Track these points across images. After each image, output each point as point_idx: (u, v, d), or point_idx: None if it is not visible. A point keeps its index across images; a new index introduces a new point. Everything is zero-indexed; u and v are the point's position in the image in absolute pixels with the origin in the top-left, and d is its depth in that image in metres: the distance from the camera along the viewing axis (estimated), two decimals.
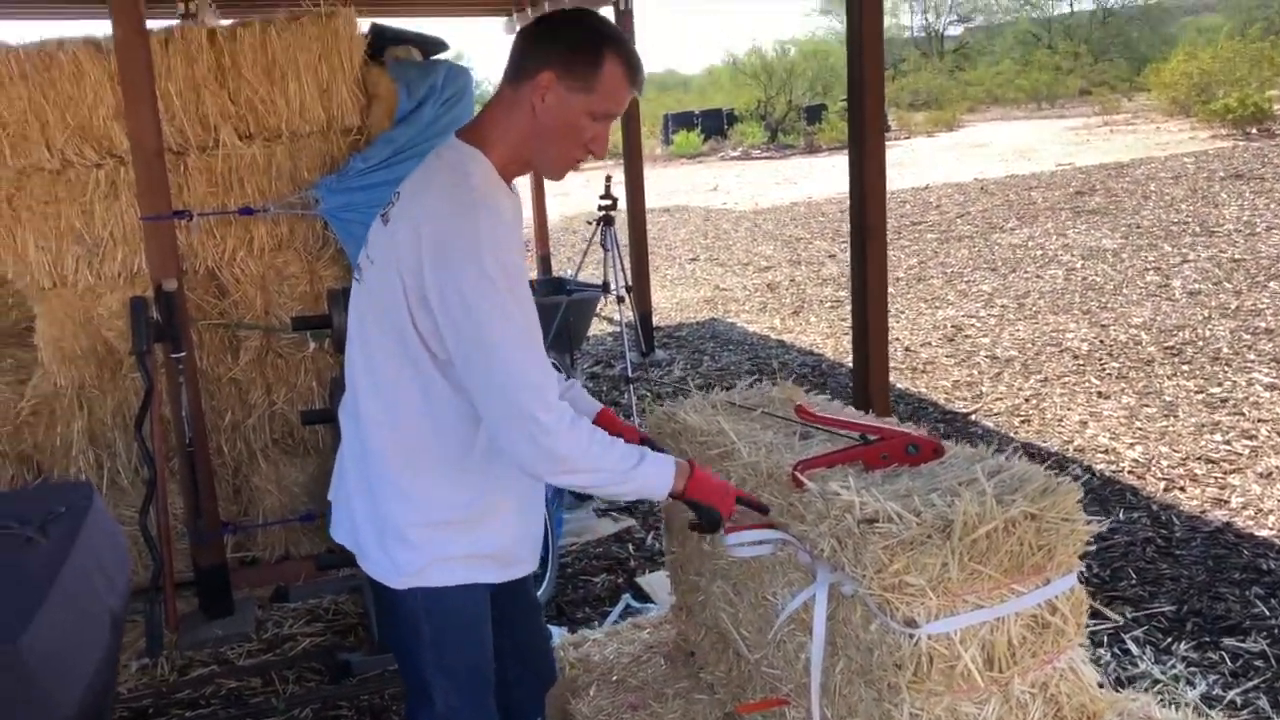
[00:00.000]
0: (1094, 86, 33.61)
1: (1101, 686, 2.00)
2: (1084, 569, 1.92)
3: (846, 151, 4.38)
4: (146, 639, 3.67)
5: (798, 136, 28.33)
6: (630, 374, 5.84)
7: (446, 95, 4.18)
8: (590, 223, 6.79)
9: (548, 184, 10.28)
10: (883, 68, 4.25)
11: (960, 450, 2.12)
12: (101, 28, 3.92)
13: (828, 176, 19.42)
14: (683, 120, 29.90)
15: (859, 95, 4.18)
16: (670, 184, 20.37)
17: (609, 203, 6.02)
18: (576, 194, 17.06)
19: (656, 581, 3.88)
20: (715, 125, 29.92)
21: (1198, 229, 10.44)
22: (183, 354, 3.75)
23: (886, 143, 4.41)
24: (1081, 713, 1.89)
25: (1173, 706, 2.40)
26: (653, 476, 1.91)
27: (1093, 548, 2.05)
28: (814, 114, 29.37)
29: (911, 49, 45.15)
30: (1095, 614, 1.99)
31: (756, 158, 26.12)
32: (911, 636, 1.76)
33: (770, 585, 2.20)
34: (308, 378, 4.25)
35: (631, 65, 1.87)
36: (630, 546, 4.41)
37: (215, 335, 4.16)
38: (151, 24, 3.75)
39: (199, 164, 3.99)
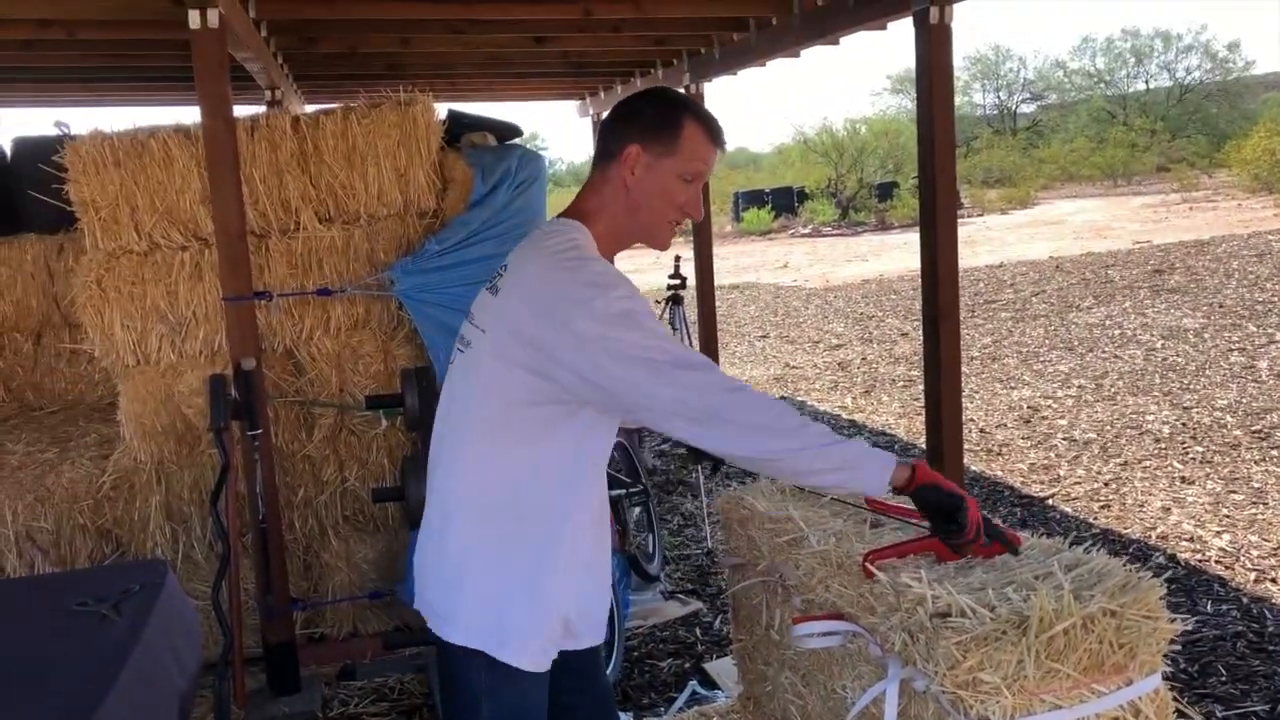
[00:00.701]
0: (1171, 163, 33.18)
1: None
2: (1170, 664, 1.83)
3: (919, 230, 4.37)
4: (215, 715, 3.69)
5: (869, 214, 28.32)
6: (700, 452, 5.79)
7: (520, 179, 4.27)
8: (659, 302, 6.83)
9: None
10: (954, 147, 4.25)
11: (1037, 542, 2.06)
12: (192, 114, 4.09)
13: (900, 254, 19.34)
14: (753, 198, 30.08)
15: (930, 175, 4.18)
16: (740, 261, 20.45)
17: (677, 282, 6.06)
18: (648, 272, 17.19)
19: (724, 668, 3.81)
20: (785, 202, 30.04)
21: None
22: (259, 431, 3.82)
23: (959, 221, 4.40)
24: None
25: None
26: (862, 456, 1.89)
27: (1179, 644, 1.97)
28: (885, 191, 29.36)
29: (984, 127, 45.11)
30: (1182, 715, 1.90)
31: (827, 235, 26.15)
32: None
33: (840, 678, 2.15)
34: (379, 455, 4.29)
35: (709, 125, 2.00)
36: (698, 630, 4.35)
37: (291, 412, 4.23)
38: (238, 109, 3.90)
39: (280, 246, 4.11)
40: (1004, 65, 50.17)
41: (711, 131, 1.99)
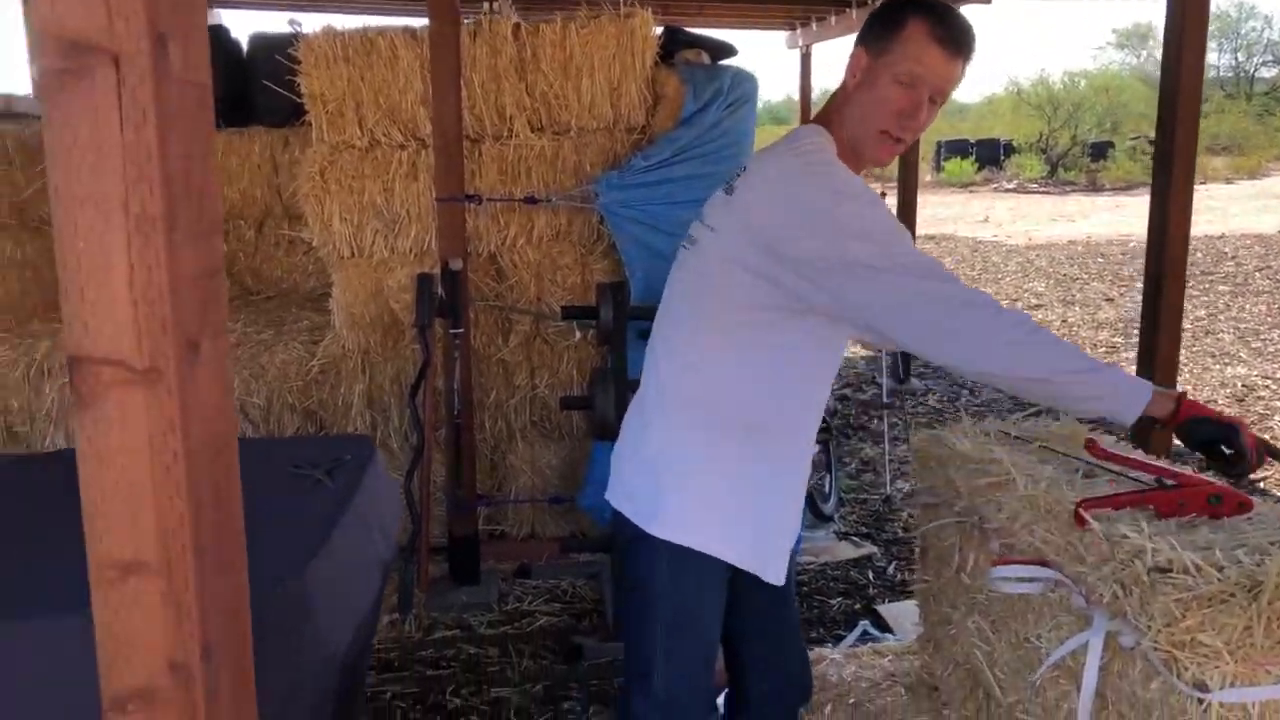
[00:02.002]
0: None
1: None
2: None
3: (1133, 192, 4.11)
4: (398, 596, 3.88)
5: (1079, 173, 26.89)
6: (886, 399, 5.69)
7: (731, 99, 4.21)
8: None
9: None
10: (1199, 103, 3.94)
11: (1271, 508, 1.92)
12: (419, 23, 4.19)
13: (1110, 216, 18.32)
14: (956, 148, 28.98)
15: (1170, 125, 3.89)
16: (938, 212, 19.77)
17: None
18: None
19: (897, 612, 3.74)
20: (990, 155, 28.84)
21: None
22: (461, 330, 3.94)
23: None
24: None
25: None
26: (1123, 380, 1.82)
27: None
28: (1099, 150, 27.79)
29: (1216, 89, 41.96)
30: None
31: (1032, 191, 24.98)
32: (1200, 701, 1.60)
33: (1035, 627, 2.06)
34: (569, 366, 4.37)
35: (938, 25, 1.83)
36: (870, 573, 4.28)
37: (489, 316, 4.35)
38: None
39: (491, 152, 4.19)
40: (1246, 24, 46.40)
41: (940, 32, 1.83)
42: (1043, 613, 2.03)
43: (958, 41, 1.86)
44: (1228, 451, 1.81)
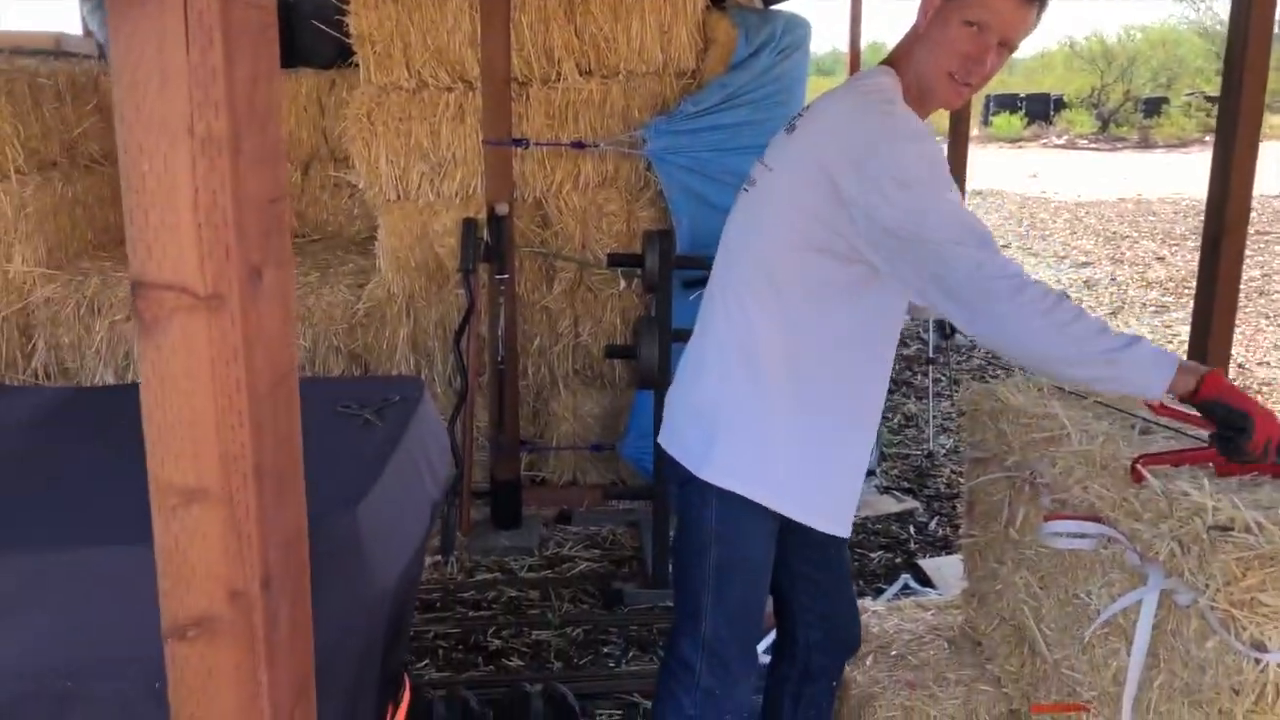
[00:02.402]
0: None
1: None
2: None
3: (1187, 149, 4.00)
4: (441, 538, 3.91)
5: (1131, 129, 26.32)
6: (931, 354, 5.63)
7: (784, 44, 4.14)
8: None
9: None
10: (1268, 56, 3.82)
11: None
12: None
13: (1163, 174, 17.93)
14: (1005, 102, 28.44)
15: (1238, 74, 3.77)
16: (986, 167, 19.44)
17: None
18: None
19: (940, 567, 3.73)
20: (1040, 110, 28.28)
21: None
22: (506, 276, 3.93)
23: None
24: None
25: None
26: (1148, 356, 1.73)
27: None
28: (1153, 106, 27.16)
29: None
30: None
31: (1082, 148, 24.52)
32: (1258, 662, 1.57)
33: (1085, 584, 2.04)
34: (613, 314, 4.36)
35: None
36: (911, 528, 4.26)
37: (534, 263, 4.33)
38: None
39: (539, 95, 4.16)
40: None
41: None
42: (1094, 569, 2.01)
43: None
44: (1238, 431, 1.72)
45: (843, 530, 2.07)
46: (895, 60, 1.91)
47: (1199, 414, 1.85)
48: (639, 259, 3.76)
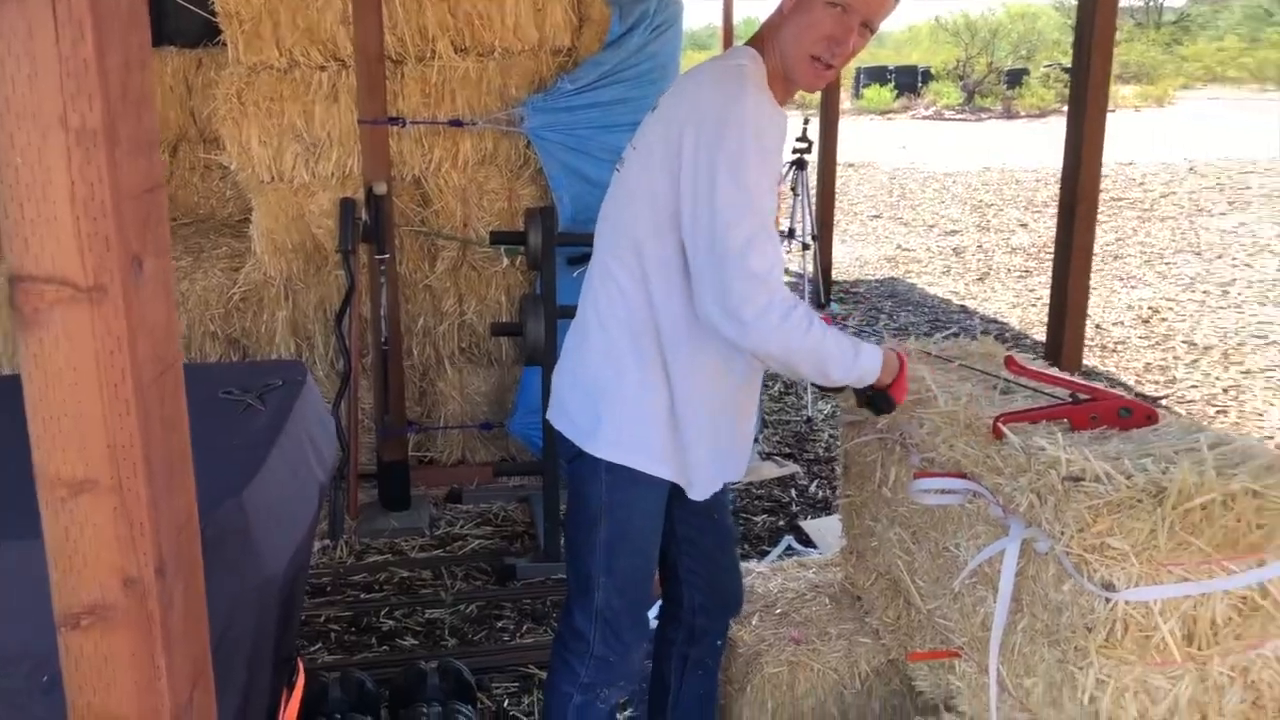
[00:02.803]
0: None
1: None
2: None
3: (1046, 120, 4.19)
4: (329, 522, 3.88)
5: (995, 100, 27.18)
6: None
7: (657, 22, 4.18)
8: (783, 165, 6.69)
9: None
10: (1113, 32, 4.02)
11: (1175, 420, 2.02)
12: None
13: (1024, 144, 18.61)
14: (875, 75, 29.02)
15: (1086, 53, 3.97)
16: (857, 139, 19.89)
17: (805, 145, 5.90)
18: None
19: (820, 527, 3.86)
20: (909, 82, 28.96)
21: None
22: (386, 256, 3.90)
23: None
24: None
25: None
26: (868, 369, 1.97)
27: None
28: (1015, 78, 28.07)
29: (1127, 18, 42.50)
30: None
31: (949, 119, 25.23)
32: (1108, 601, 1.70)
33: (953, 536, 2.16)
34: (497, 291, 4.36)
35: None
36: (793, 492, 4.40)
37: (415, 242, 4.30)
38: None
39: (414, 74, 4.12)
40: None
41: None
42: (961, 523, 2.12)
43: None
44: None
45: (735, 476, 2.16)
46: (760, 41, 1.95)
47: (1055, 377, 1.99)
48: (522, 236, 3.77)
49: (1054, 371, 2.24)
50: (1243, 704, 1.77)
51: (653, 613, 2.43)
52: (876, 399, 2.08)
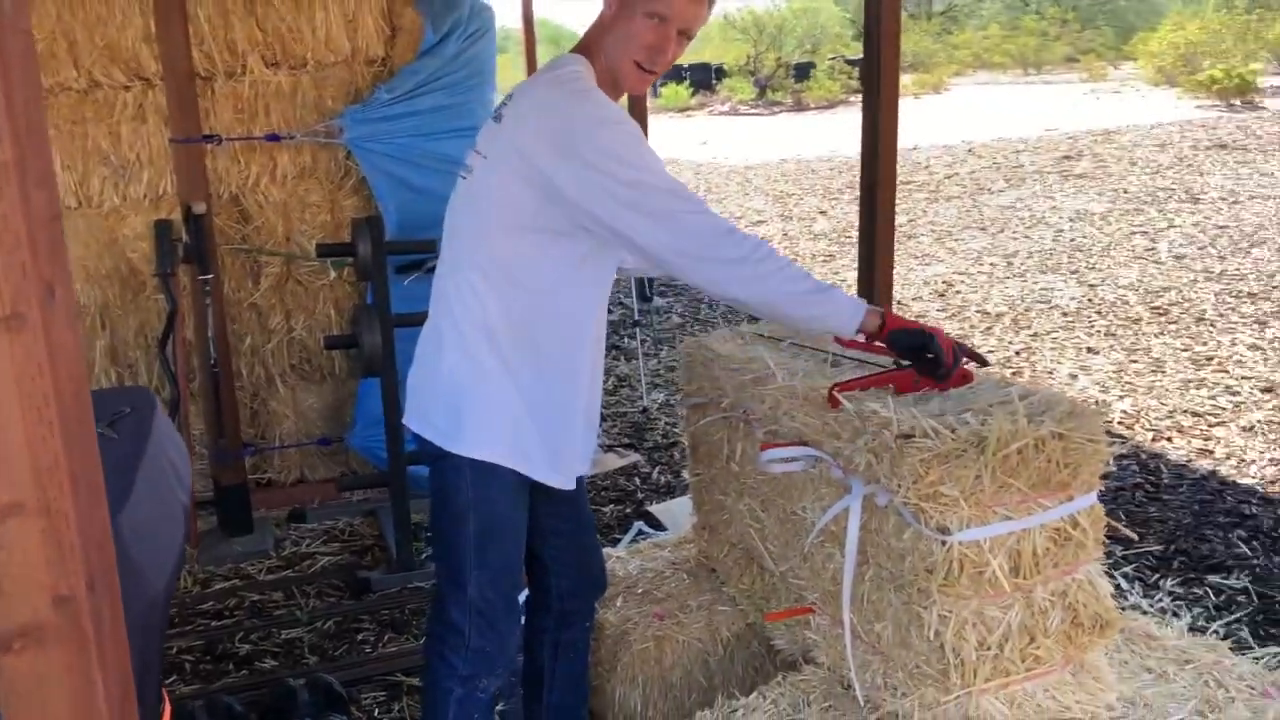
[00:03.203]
0: (1080, 54, 33.63)
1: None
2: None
3: (834, 110, 4.47)
4: None
5: (786, 94, 28.26)
6: (636, 318, 5.95)
7: (471, 30, 4.23)
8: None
9: None
10: (899, 17, 4.31)
11: (988, 377, 2.24)
12: None
13: (818, 134, 19.46)
14: (671, 73, 29.60)
15: (876, 44, 4.24)
16: (659, 137, 20.32)
17: None
18: None
19: (668, 510, 4.01)
20: (703, 79, 29.76)
21: (1183, 195, 10.60)
22: (210, 276, 3.82)
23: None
24: (1096, 621, 2.03)
25: (1168, 629, 2.55)
26: (840, 302, 2.05)
27: None
28: (803, 71, 29.26)
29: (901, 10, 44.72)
30: (1112, 529, 2.11)
31: (745, 114, 26.07)
32: (944, 543, 1.88)
33: (799, 500, 2.32)
34: (326, 305, 4.33)
35: None
36: (637, 480, 4.54)
37: (237, 260, 4.22)
38: None
39: (225, 90, 4.04)
40: None
41: None
42: (805, 487, 2.29)
43: None
44: (929, 356, 2.09)
45: (584, 471, 2.26)
46: (586, 47, 2.07)
47: (885, 346, 2.18)
48: (350, 248, 3.76)
49: (878, 343, 2.44)
50: (1063, 624, 2.00)
51: (521, 598, 2.51)
52: (913, 350, 2.09)
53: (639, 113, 7.78)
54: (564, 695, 2.51)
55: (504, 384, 2.07)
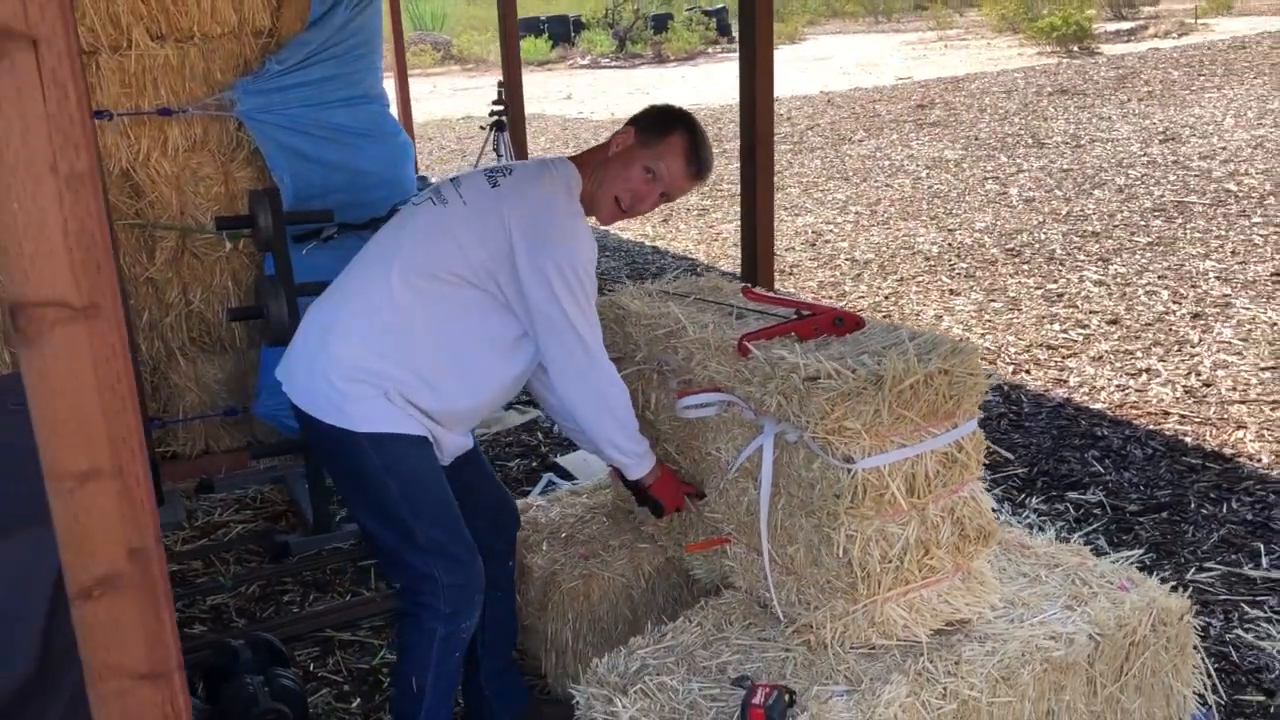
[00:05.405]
0: (928, 1, 34.65)
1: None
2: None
3: (694, 62, 4.67)
4: None
5: (645, 46, 28.37)
6: None
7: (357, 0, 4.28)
8: (483, 127, 6.89)
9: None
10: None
11: (878, 323, 2.50)
12: None
13: (679, 87, 19.68)
14: (529, 26, 29.41)
15: (751, 7, 4.46)
16: (525, 91, 20.22)
17: (501, 108, 6.15)
18: (425, 101, 16.90)
19: (577, 459, 4.21)
20: (562, 32, 29.60)
21: (1029, 140, 11.22)
22: None
23: (728, 56, 4.70)
24: (980, 532, 2.32)
25: (1038, 539, 2.88)
26: (646, 464, 2.52)
27: None
28: (660, 23, 29.39)
29: None
30: (992, 452, 2.41)
31: (606, 66, 26.08)
32: (849, 471, 2.14)
33: (714, 443, 2.55)
34: (224, 277, 4.36)
35: (693, 149, 2.41)
36: (539, 434, 4.73)
37: (131, 235, 4.21)
38: None
39: (111, 64, 4.01)
40: None
41: (691, 154, 2.39)
42: (719, 430, 2.52)
43: (702, 167, 2.45)
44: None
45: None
46: (583, 164, 2.39)
47: (778, 298, 2.42)
48: (249, 220, 3.81)
49: (779, 294, 2.68)
50: (953, 536, 2.28)
51: None
52: (650, 501, 2.59)
53: (512, 69, 7.86)
54: (494, 633, 2.68)
55: (405, 373, 2.27)
